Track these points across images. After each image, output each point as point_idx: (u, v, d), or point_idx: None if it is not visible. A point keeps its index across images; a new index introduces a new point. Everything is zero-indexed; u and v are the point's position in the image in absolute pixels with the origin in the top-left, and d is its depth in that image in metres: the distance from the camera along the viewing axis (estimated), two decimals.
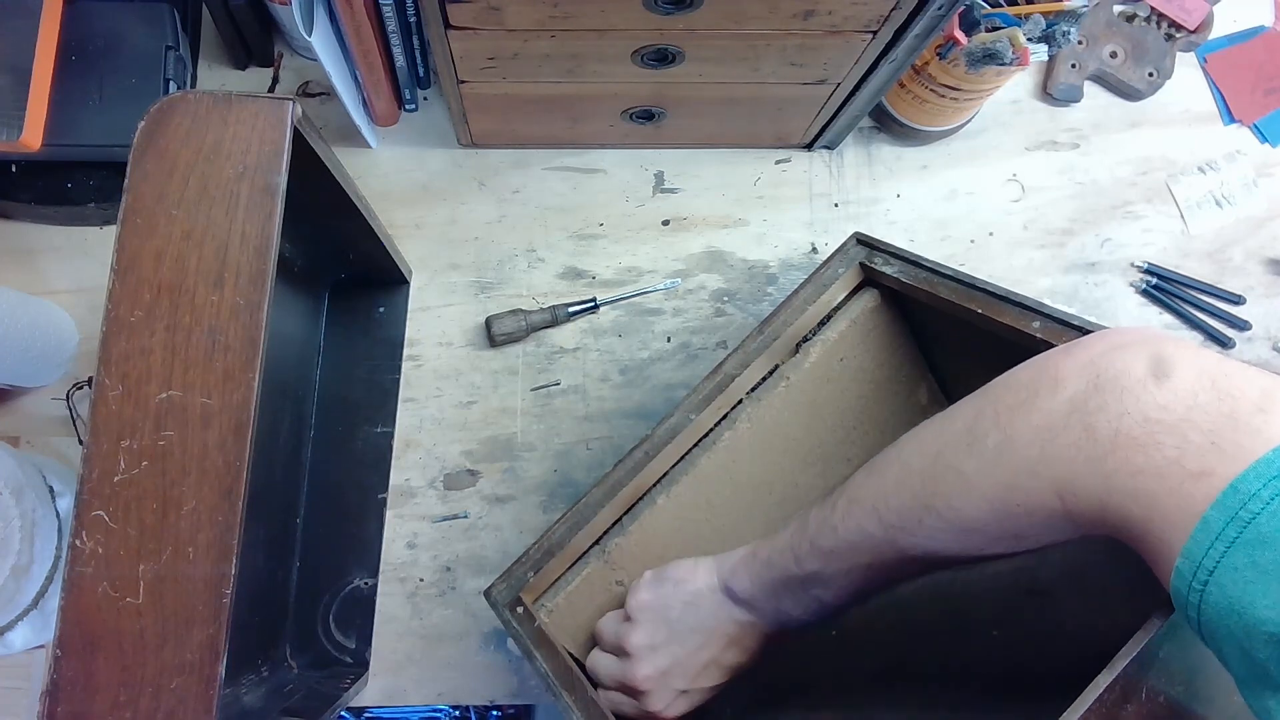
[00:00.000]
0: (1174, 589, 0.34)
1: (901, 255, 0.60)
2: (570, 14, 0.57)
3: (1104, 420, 0.36)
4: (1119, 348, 0.38)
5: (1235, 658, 0.33)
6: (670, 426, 0.60)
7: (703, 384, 0.61)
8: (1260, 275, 0.80)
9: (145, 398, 0.43)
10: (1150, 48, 0.82)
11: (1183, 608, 0.34)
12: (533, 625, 0.56)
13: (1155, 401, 0.35)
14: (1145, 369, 0.36)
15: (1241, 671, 0.33)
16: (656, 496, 0.60)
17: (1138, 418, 0.35)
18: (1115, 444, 0.36)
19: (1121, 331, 0.41)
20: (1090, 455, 0.36)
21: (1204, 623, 0.33)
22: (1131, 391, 0.36)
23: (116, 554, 0.42)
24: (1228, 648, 0.33)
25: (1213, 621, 0.32)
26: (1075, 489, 0.37)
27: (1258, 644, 0.31)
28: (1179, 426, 0.34)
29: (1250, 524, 0.31)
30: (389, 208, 0.78)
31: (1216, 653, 0.34)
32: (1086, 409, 0.37)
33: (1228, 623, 0.32)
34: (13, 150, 0.69)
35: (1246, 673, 0.32)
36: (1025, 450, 0.39)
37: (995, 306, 0.54)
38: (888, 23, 0.59)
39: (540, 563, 0.58)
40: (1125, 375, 0.36)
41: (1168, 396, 0.35)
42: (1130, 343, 0.38)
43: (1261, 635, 0.31)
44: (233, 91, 0.46)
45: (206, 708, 0.42)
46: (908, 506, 0.44)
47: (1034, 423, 0.39)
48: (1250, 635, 0.31)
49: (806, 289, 0.63)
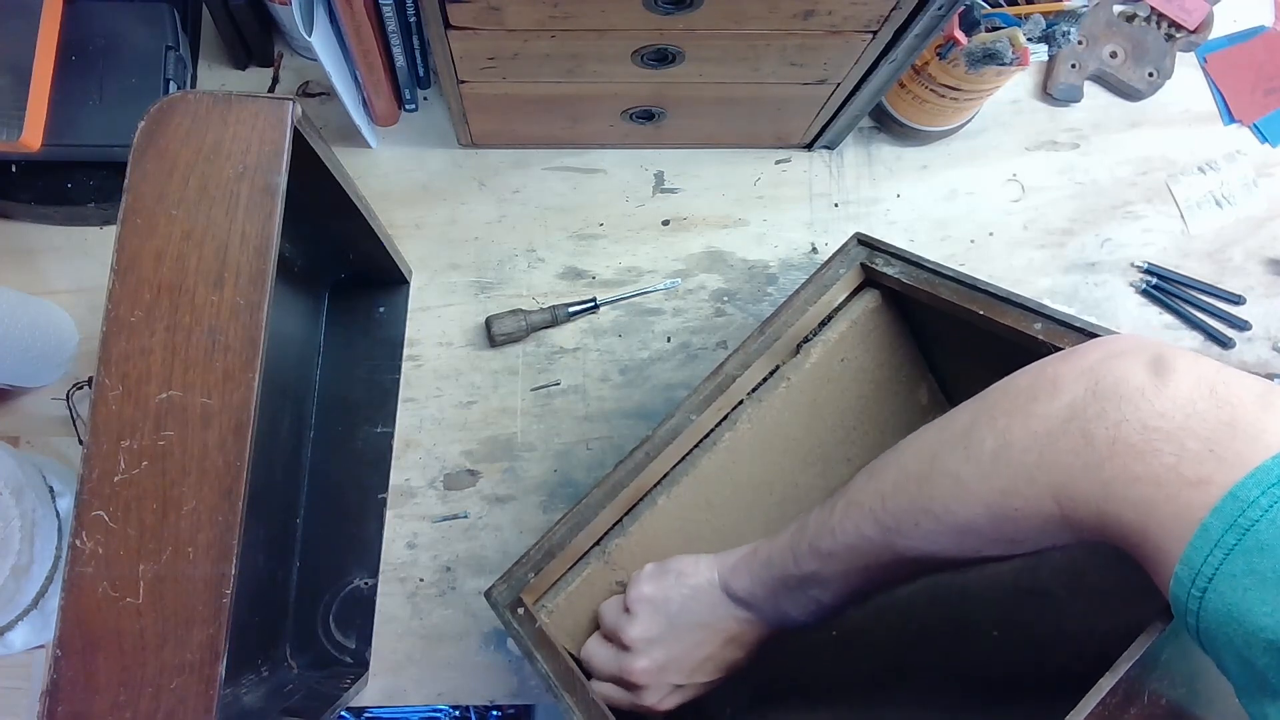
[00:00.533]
0: (1173, 596, 0.34)
1: (902, 256, 0.60)
2: (570, 14, 0.57)
3: (1102, 427, 0.36)
4: (1117, 355, 0.38)
5: (1234, 665, 0.32)
6: (671, 427, 0.60)
7: (703, 384, 0.61)
8: (1260, 275, 0.80)
9: (145, 398, 0.43)
10: (1150, 48, 0.82)
11: (1182, 615, 0.34)
12: (533, 626, 0.56)
13: (1153, 409, 0.35)
14: (1144, 376, 0.36)
15: (1240, 679, 0.33)
16: (657, 497, 0.60)
17: (1136, 425, 0.35)
18: (1113, 451, 0.36)
19: (1120, 339, 0.41)
20: (1088, 462, 0.36)
21: (1203, 630, 0.33)
22: (1130, 399, 0.36)
23: (116, 554, 0.42)
24: (1227, 655, 0.33)
25: (1211, 629, 0.32)
26: (1072, 495, 0.37)
27: (1256, 651, 0.31)
28: (1177, 434, 0.34)
29: (1249, 531, 0.31)
30: (389, 208, 0.78)
31: (1216, 660, 0.34)
32: (1085, 416, 0.37)
33: (1226, 630, 0.32)
34: (13, 150, 0.69)
35: (1245, 680, 0.32)
36: (1023, 456, 0.39)
37: (996, 308, 0.54)
38: (888, 23, 0.59)
39: (541, 564, 0.58)
40: (1124, 382, 0.36)
41: (1166, 404, 0.35)
42: (1129, 350, 0.38)
43: (1260, 642, 0.31)
44: (233, 91, 0.46)
45: (206, 708, 0.42)
46: (904, 509, 0.44)
47: (1032, 428, 0.39)
48: (1249, 643, 0.31)
49: (807, 289, 0.63)
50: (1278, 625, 0.30)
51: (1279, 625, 0.30)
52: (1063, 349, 0.49)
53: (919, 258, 0.59)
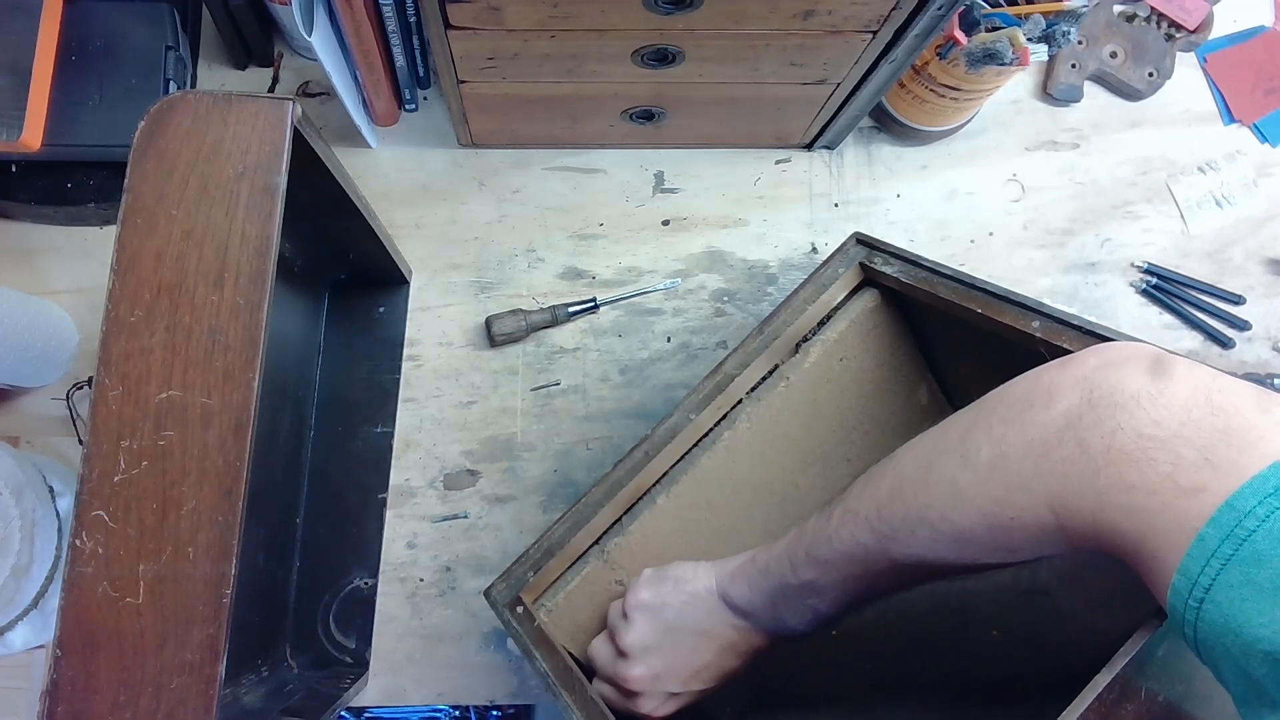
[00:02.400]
0: (1170, 606, 0.34)
1: (901, 255, 0.60)
2: (570, 14, 0.57)
3: (1097, 436, 0.36)
4: (1113, 363, 0.38)
5: (1232, 675, 0.32)
6: (670, 426, 0.60)
7: (702, 384, 0.61)
8: (1260, 275, 0.80)
9: (145, 398, 0.43)
10: (1150, 48, 0.82)
11: (1179, 625, 0.34)
12: (533, 625, 0.56)
13: (1148, 416, 0.35)
14: (1139, 383, 0.36)
15: (1238, 689, 0.33)
16: (656, 496, 0.60)
17: (1131, 434, 0.35)
18: (1108, 459, 0.35)
19: (1116, 346, 0.40)
20: (1083, 470, 0.36)
21: (1200, 640, 0.33)
22: (1125, 406, 0.36)
23: (116, 554, 0.42)
24: (1224, 665, 0.32)
25: (1209, 639, 0.32)
26: (1068, 504, 0.37)
27: (1254, 662, 0.31)
28: (1171, 442, 0.34)
29: (1246, 541, 0.31)
30: (389, 208, 0.78)
31: (1213, 669, 0.34)
32: (1080, 424, 0.37)
33: (1224, 640, 0.32)
34: (13, 150, 0.69)
35: (1244, 690, 0.32)
36: (1018, 464, 0.39)
37: (995, 306, 0.54)
38: (888, 23, 0.59)
39: (540, 563, 0.58)
40: (1119, 390, 0.36)
41: (1161, 412, 0.35)
42: (1125, 358, 0.38)
43: (1258, 653, 0.30)
44: (233, 91, 0.46)
45: (206, 708, 0.42)
46: (901, 517, 0.44)
47: (1028, 437, 0.39)
48: (1247, 653, 0.31)
49: (806, 289, 0.63)
50: (1275, 636, 0.30)
51: (1277, 636, 0.30)
52: (1061, 347, 0.49)
53: (917, 257, 0.59)
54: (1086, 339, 0.49)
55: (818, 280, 0.63)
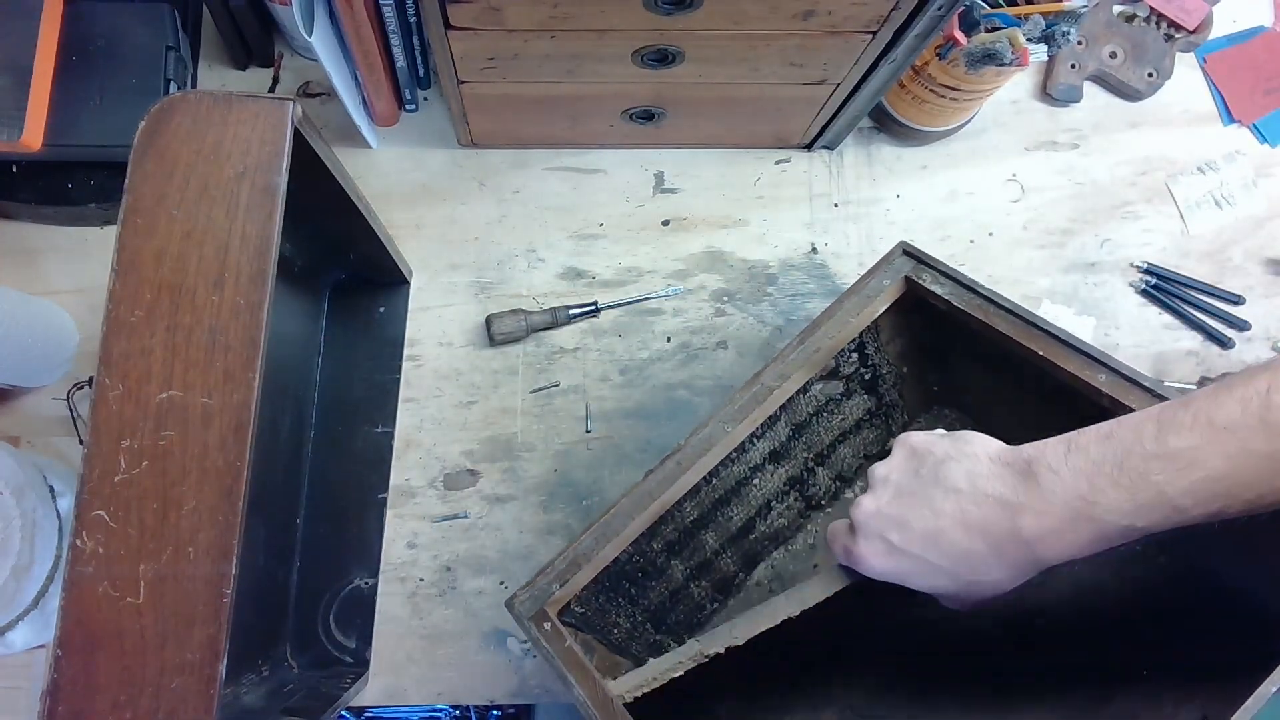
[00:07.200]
0: None
1: (953, 276, 0.58)
2: (570, 14, 0.57)
3: None
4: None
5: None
6: (704, 437, 0.57)
7: (738, 394, 0.58)
8: (1260, 275, 0.80)
9: (145, 398, 0.43)
10: (1150, 48, 0.82)
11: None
12: (563, 645, 0.52)
13: None
14: None
15: None
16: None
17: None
18: None
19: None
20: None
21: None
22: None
23: (117, 554, 0.42)
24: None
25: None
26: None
27: None
28: None
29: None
30: (389, 208, 0.78)
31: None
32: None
33: None
34: (13, 150, 0.69)
35: None
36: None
37: (1059, 352, 0.51)
38: (887, 23, 0.59)
39: (566, 575, 0.55)
40: None
41: None
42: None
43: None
44: (233, 92, 0.46)
45: (206, 707, 0.42)
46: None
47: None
48: None
49: (849, 301, 0.60)
50: None
51: None
52: (1128, 406, 0.48)
53: (972, 281, 0.57)
54: (1149, 398, 0.48)
55: (860, 292, 0.60)
